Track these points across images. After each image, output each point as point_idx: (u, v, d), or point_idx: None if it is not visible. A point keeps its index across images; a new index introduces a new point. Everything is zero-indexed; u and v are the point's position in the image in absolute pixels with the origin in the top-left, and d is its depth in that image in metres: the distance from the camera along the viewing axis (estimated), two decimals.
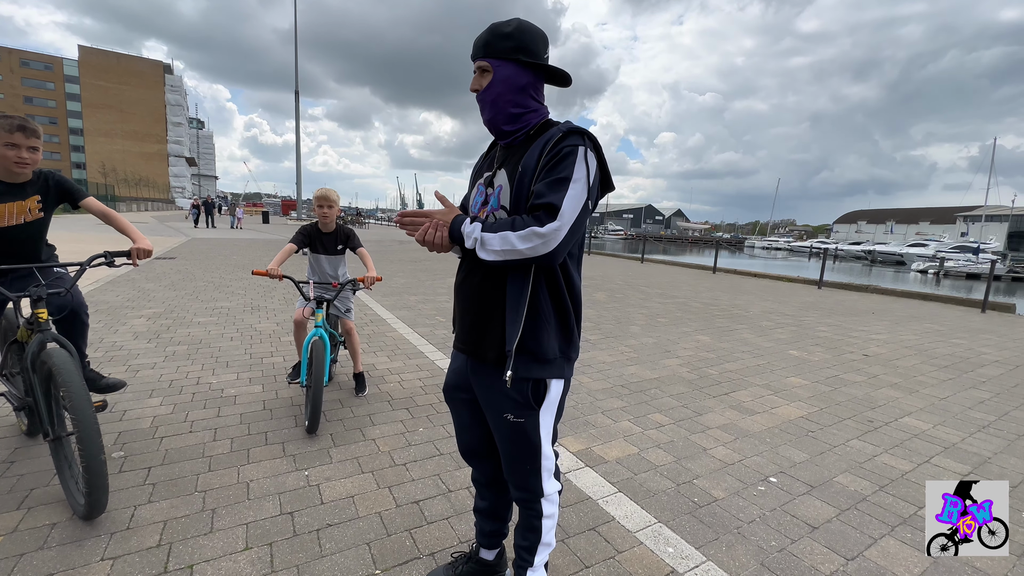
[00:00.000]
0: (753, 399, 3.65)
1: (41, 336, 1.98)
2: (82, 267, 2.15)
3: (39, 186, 2.19)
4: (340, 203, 3.34)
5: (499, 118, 1.29)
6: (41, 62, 79.42)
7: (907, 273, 30.85)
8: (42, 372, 1.94)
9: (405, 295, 7.54)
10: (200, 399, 3.13)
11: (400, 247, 18.18)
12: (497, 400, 1.31)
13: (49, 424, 1.98)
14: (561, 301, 1.28)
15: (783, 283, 12.38)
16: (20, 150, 2.02)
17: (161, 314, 5.42)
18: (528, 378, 1.26)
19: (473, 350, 1.35)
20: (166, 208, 62.28)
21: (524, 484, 1.38)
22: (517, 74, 1.26)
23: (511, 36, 1.24)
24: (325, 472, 2.34)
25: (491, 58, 1.25)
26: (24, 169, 2.07)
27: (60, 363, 1.80)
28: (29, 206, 2.15)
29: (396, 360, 4.20)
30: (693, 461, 2.63)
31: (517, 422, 1.30)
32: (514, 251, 1.13)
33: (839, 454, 2.80)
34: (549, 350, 1.26)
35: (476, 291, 1.31)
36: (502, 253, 1.14)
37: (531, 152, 1.22)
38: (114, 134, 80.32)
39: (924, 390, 4.06)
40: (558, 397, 1.34)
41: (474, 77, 1.29)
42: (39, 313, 2.00)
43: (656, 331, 5.86)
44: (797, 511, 2.20)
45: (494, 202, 1.30)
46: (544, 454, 1.35)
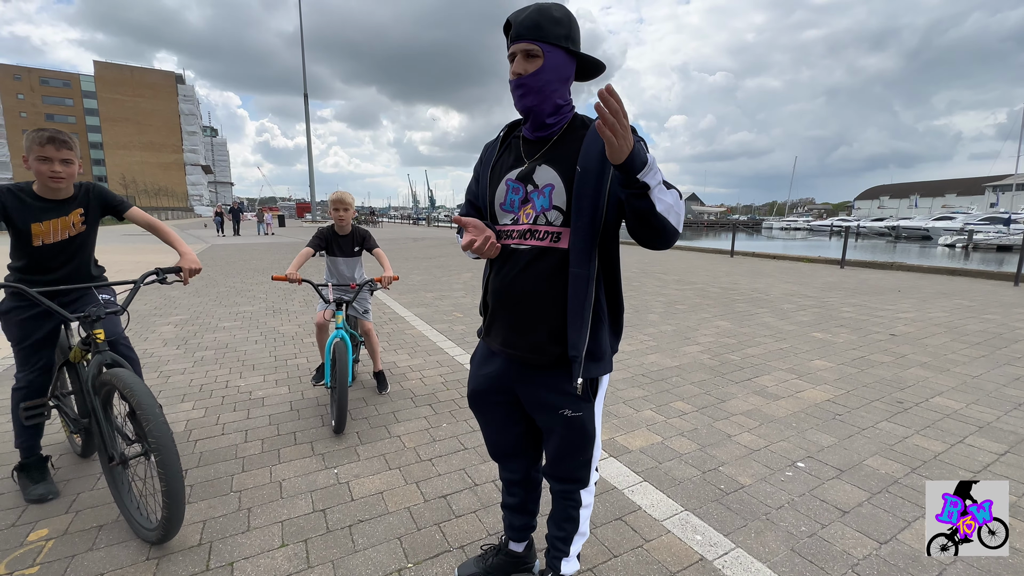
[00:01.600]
0: (777, 384, 3.60)
1: (100, 357, 1.91)
2: (135, 285, 2.09)
3: (80, 199, 2.10)
4: (355, 204, 3.38)
5: (545, 107, 1.22)
6: (59, 79, 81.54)
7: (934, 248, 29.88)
8: (103, 394, 1.89)
9: (422, 292, 7.60)
10: (230, 402, 3.22)
11: (415, 245, 18.30)
12: (553, 400, 1.31)
13: (112, 447, 1.91)
14: (616, 301, 1.30)
15: (804, 264, 12.13)
16: (53, 163, 1.92)
17: (187, 320, 5.58)
18: (588, 376, 1.28)
19: (523, 354, 1.30)
20: (185, 216, 63.67)
21: (573, 475, 1.40)
22: (566, 63, 1.21)
23: (561, 22, 1.17)
24: (354, 470, 2.39)
25: (542, 42, 1.16)
26: (60, 184, 1.96)
27: (131, 383, 1.72)
28: (72, 220, 2.07)
29: (416, 357, 4.25)
30: (718, 448, 2.62)
31: (575, 416, 1.31)
32: (676, 215, 1.09)
33: (868, 437, 2.75)
34: (606, 349, 1.29)
35: (527, 295, 1.27)
36: (668, 209, 1.07)
37: (587, 152, 1.16)
38: (132, 146, 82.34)
39: (955, 368, 3.96)
40: (606, 387, 1.37)
41: (517, 60, 1.18)
42: (96, 334, 1.93)
43: (675, 318, 5.81)
44: (827, 496, 2.18)
45: (544, 202, 1.23)
46: (597, 444, 1.38)
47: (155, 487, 1.81)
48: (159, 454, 1.64)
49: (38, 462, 2.19)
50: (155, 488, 1.81)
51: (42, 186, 1.98)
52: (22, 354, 2.09)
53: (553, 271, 1.23)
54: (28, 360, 2.10)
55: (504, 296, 1.31)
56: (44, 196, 1.99)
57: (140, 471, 2.17)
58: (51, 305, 1.87)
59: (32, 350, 2.09)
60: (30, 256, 2.02)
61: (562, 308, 1.23)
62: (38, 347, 2.11)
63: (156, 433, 1.65)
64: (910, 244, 33.67)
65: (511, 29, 1.19)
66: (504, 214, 1.31)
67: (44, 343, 2.12)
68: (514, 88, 1.21)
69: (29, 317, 2.05)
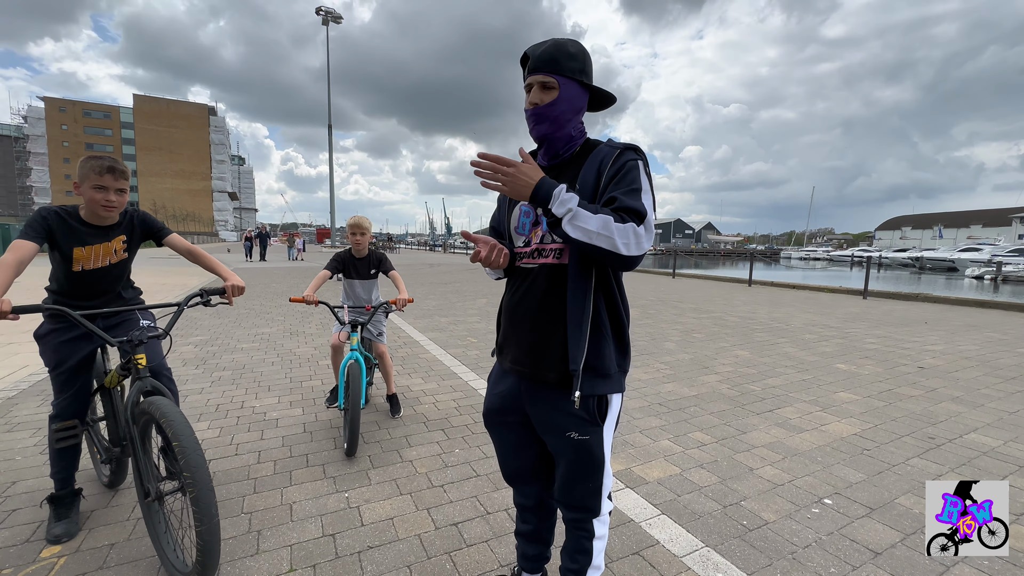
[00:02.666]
0: (800, 416, 3.48)
1: (140, 384, 1.81)
2: (180, 308, 2.01)
3: (124, 226, 2.09)
4: (372, 230, 3.45)
5: (558, 136, 1.29)
6: (101, 111, 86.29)
7: (960, 280, 29.04)
8: (141, 423, 1.78)
9: (436, 317, 7.63)
10: (244, 422, 3.23)
11: (431, 270, 18.50)
12: (560, 420, 1.29)
13: (148, 481, 1.81)
14: (617, 314, 1.29)
15: (825, 294, 11.88)
16: (108, 192, 1.92)
17: (207, 341, 5.67)
18: (592, 395, 1.26)
19: (531, 372, 1.32)
20: (210, 240, 65.70)
21: (582, 503, 1.35)
22: (579, 95, 1.28)
23: (576, 57, 1.25)
24: (364, 494, 2.36)
25: (558, 75, 1.24)
26: (111, 212, 1.97)
27: (169, 412, 1.64)
28: (115, 247, 2.06)
29: (430, 382, 4.23)
30: (739, 482, 2.52)
31: (582, 440, 1.28)
32: (607, 239, 1.09)
33: (899, 474, 2.62)
34: (610, 365, 1.27)
35: (534, 311, 1.30)
36: (592, 235, 1.09)
37: (586, 171, 1.24)
38: (164, 173, 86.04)
39: (990, 404, 3.78)
40: (618, 411, 1.34)
41: (533, 91, 1.26)
42: (138, 359, 1.85)
43: (692, 347, 5.71)
44: (857, 535, 2.07)
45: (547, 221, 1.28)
46: (606, 471, 1.34)
47: (188, 524, 1.71)
48: (195, 492, 1.54)
49: (70, 495, 2.10)
50: (189, 525, 1.69)
51: (91, 213, 1.97)
52: (59, 379, 2.02)
53: (558, 288, 1.27)
54: (66, 385, 2.04)
55: (514, 314, 1.36)
56: (90, 222, 2.00)
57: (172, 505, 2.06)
58: (93, 328, 1.82)
59: (70, 374, 2.03)
60: (69, 281, 2.01)
61: (566, 324, 1.25)
62: (76, 371, 2.04)
63: (191, 468, 1.55)
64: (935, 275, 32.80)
65: (528, 61, 1.27)
66: (518, 236, 1.38)
67: (81, 367, 2.06)
68: (530, 116, 1.29)
69: (67, 340, 2.01)
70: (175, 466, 1.66)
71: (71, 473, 2.12)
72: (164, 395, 1.80)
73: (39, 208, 1.93)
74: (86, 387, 2.11)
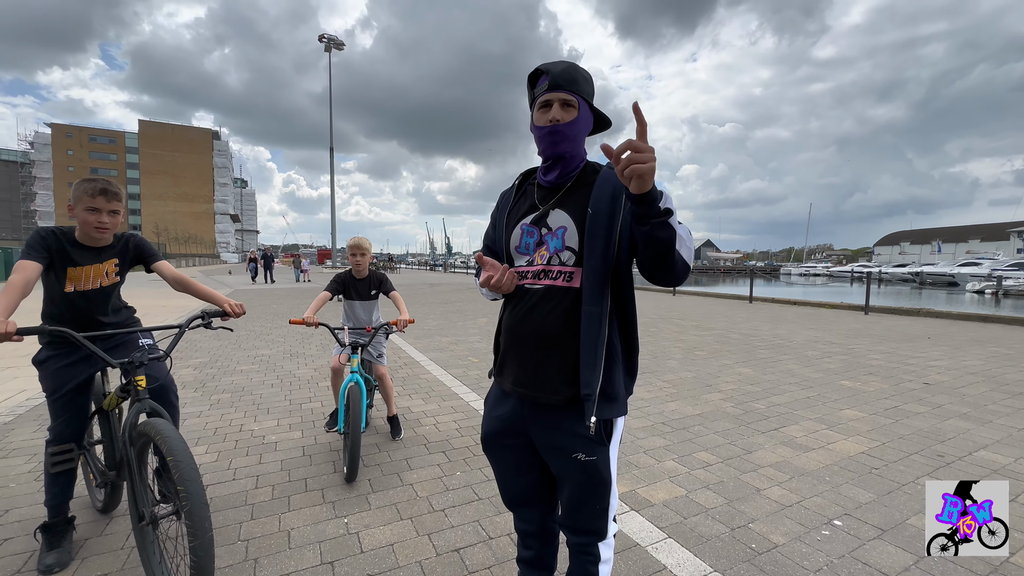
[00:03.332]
0: (806, 434, 3.43)
1: (139, 406, 1.80)
2: (181, 329, 1.99)
3: (118, 249, 2.09)
4: (372, 250, 3.46)
5: (573, 154, 1.30)
6: (106, 136, 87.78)
7: (961, 294, 29.01)
8: (138, 445, 1.76)
9: (437, 337, 7.60)
10: (243, 446, 3.19)
11: (431, 290, 18.52)
12: (566, 442, 1.27)
13: (144, 505, 1.77)
14: (630, 339, 1.28)
15: (826, 310, 11.85)
16: (101, 214, 1.93)
17: (207, 363, 5.64)
18: (601, 419, 1.25)
19: (536, 394, 1.29)
20: (212, 262, 66.01)
21: (589, 526, 1.32)
22: (590, 117, 1.31)
23: (589, 81, 1.28)
24: (364, 519, 2.31)
25: (578, 95, 1.26)
26: (104, 234, 1.98)
27: (166, 433, 1.62)
28: (106, 269, 2.05)
29: (431, 403, 4.19)
30: (746, 503, 2.47)
31: (589, 461, 1.26)
32: (687, 248, 1.10)
33: (909, 493, 2.57)
34: (619, 389, 1.26)
35: (538, 332, 1.28)
36: (679, 240, 1.07)
37: (598, 195, 1.22)
38: (167, 197, 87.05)
39: (998, 420, 3.73)
40: (621, 431, 1.32)
41: (555, 108, 1.25)
42: (138, 381, 1.84)
43: (695, 364, 5.67)
44: (869, 558, 2.01)
45: (557, 244, 1.28)
46: (613, 492, 1.32)
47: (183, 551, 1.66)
48: (188, 506, 1.50)
49: (63, 524, 2.05)
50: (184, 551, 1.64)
51: (85, 234, 1.98)
52: (57, 405, 2.00)
53: (566, 310, 1.25)
54: (63, 409, 2.01)
55: (516, 334, 1.33)
56: (84, 243, 2.01)
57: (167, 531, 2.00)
58: (96, 350, 1.81)
59: (68, 398, 2.01)
60: (63, 303, 1.99)
61: (574, 347, 1.24)
62: (74, 395, 2.02)
63: (187, 483, 1.51)
64: (936, 290, 32.77)
65: (544, 78, 1.26)
66: (519, 256, 1.36)
67: (79, 391, 2.04)
68: (548, 133, 1.26)
69: (66, 365, 2.00)
70: (169, 485, 1.63)
71: (65, 500, 2.08)
72: (163, 416, 1.79)
73: (37, 229, 1.96)
74: (84, 410, 2.09)
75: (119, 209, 1.99)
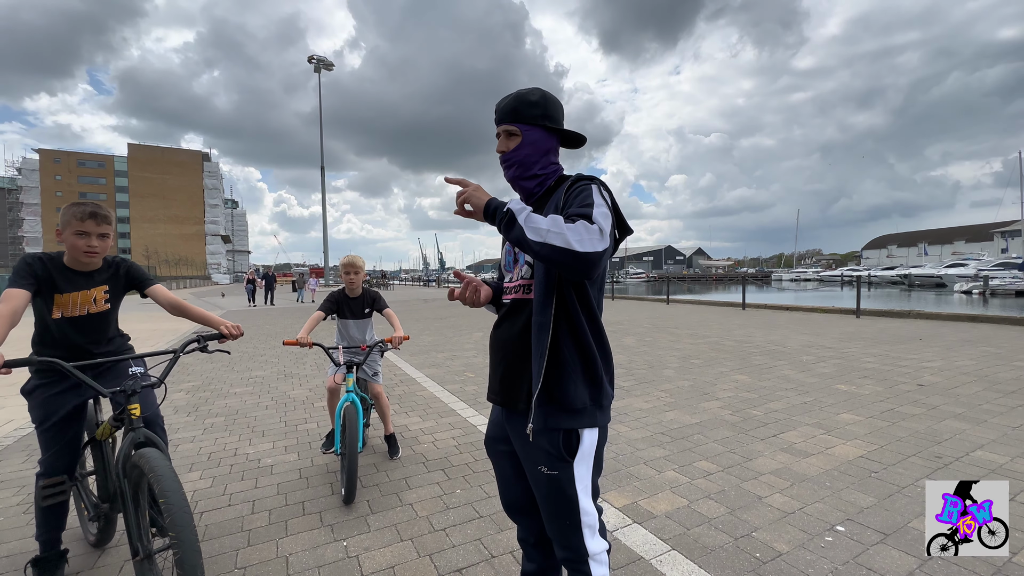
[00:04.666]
0: (804, 440, 3.44)
1: (133, 435, 1.74)
2: (176, 355, 1.94)
3: (108, 275, 2.04)
4: (365, 268, 3.46)
5: (524, 177, 1.40)
6: (95, 160, 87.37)
7: (950, 295, 29.39)
8: (133, 477, 1.70)
9: (433, 353, 7.56)
10: (238, 471, 3.13)
11: (425, 306, 18.47)
12: (530, 452, 1.30)
13: (138, 539, 1.72)
14: (584, 346, 1.25)
15: (818, 314, 11.95)
16: (90, 238, 1.89)
17: (200, 387, 5.56)
18: (558, 428, 1.24)
19: (505, 400, 1.36)
20: (203, 284, 65.45)
21: (566, 542, 1.31)
22: (543, 138, 1.38)
23: (537, 104, 1.35)
24: (364, 542, 2.27)
25: (519, 123, 1.35)
26: (93, 258, 1.94)
27: (158, 466, 1.57)
28: (95, 296, 1.99)
29: (428, 420, 4.15)
30: (749, 511, 2.46)
31: (551, 475, 1.26)
32: (559, 236, 1.07)
33: (910, 496, 2.57)
34: (577, 399, 1.23)
35: (507, 340, 1.35)
36: (543, 233, 1.07)
37: (550, 203, 1.32)
38: (157, 219, 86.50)
39: (993, 419, 3.76)
40: (593, 448, 1.29)
41: (500, 140, 1.39)
42: (132, 410, 1.78)
43: (691, 373, 5.68)
44: (873, 563, 2.01)
45: (522, 259, 1.37)
46: (583, 509, 1.28)
47: None
48: (180, 553, 1.43)
49: (55, 557, 2.00)
50: None
51: (73, 259, 1.94)
52: (46, 435, 1.94)
53: (526, 321, 1.31)
54: (54, 440, 1.95)
55: (492, 346, 1.43)
56: (72, 268, 1.96)
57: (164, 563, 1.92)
58: (86, 379, 1.75)
59: (57, 429, 1.95)
60: (52, 331, 1.95)
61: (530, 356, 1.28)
62: (65, 425, 1.96)
63: (176, 524, 1.46)
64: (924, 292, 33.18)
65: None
66: (507, 274, 1.46)
67: (70, 421, 1.98)
68: (501, 162, 1.42)
69: (55, 394, 1.95)
70: (162, 523, 1.59)
71: (58, 534, 2.02)
72: (158, 446, 1.74)
73: (24, 255, 1.92)
74: (76, 441, 2.03)
75: (108, 232, 1.96)
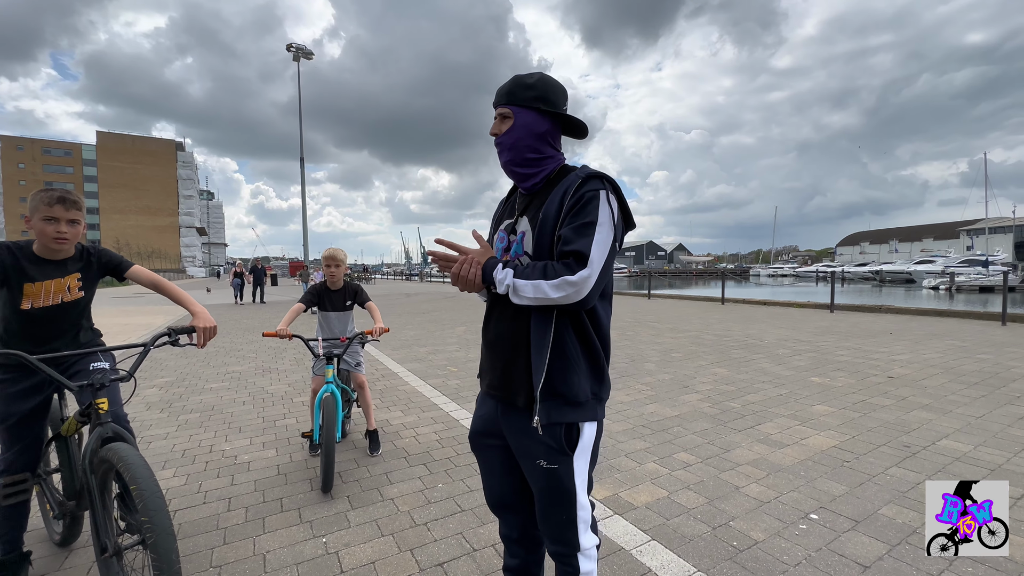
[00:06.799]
0: (780, 431, 3.52)
1: (101, 430, 1.68)
2: (146, 348, 1.87)
3: (81, 263, 1.97)
4: (347, 261, 3.41)
5: (516, 161, 1.33)
6: (61, 149, 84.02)
7: (919, 291, 30.48)
8: (100, 472, 1.64)
9: (415, 347, 7.51)
10: (213, 468, 3.06)
11: (407, 300, 18.31)
12: (529, 446, 1.27)
13: (107, 535, 1.66)
14: (588, 341, 1.26)
15: (794, 309, 12.25)
16: (59, 224, 1.81)
17: (173, 382, 5.41)
18: (560, 422, 1.23)
19: (503, 395, 1.32)
20: (178, 277, 63.73)
21: (560, 536, 1.31)
22: (536, 121, 1.31)
23: (533, 87, 1.31)
24: (343, 538, 2.24)
25: (513, 105, 1.31)
26: (64, 244, 1.86)
27: (127, 456, 1.53)
28: (68, 284, 1.92)
29: (410, 414, 4.12)
30: (727, 501, 2.50)
31: (551, 468, 1.25)
32: (546, 299, 1.15)
33: (880, 484, 2.66)
34: (580, 392, 1.23)
35: (505, 334, 1.31)
36: (534, 300, 1.16)
37: (551, 198, 1.25)
38: (128, 210, 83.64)
39: (958, 410, 3.91)
40: (592, 441, 1.29)
41: (495, 122, 1.35)
42: (99, 404, 1.72)
43: (671, 366, 5.76)
44: (845, 549, 2.07)
45: (517, 248, 1.32)
46: (580, 503, 1.28)
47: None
48: (153, 537, 1.39)
49: (17, 560, 1.92)
50: None
51: (43, 247, 1.86)
52: (8, 432, 1.86)
53: (524, 312, 1.26)
54: (15, 438, 1.88)
55: (487, 337, 1.39)
56: (42, 256, 1.88)
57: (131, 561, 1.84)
58: (51, 372, 1.68)
59: (19, 426, 1.87)
60: (19, 321, 1.86)
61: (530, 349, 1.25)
62: (27, 422, 1.89)
63: (152, 513, 1.41)
64: (895, 287, 34.32)
65: None
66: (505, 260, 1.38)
67: (33, 417, 1.90)
68: (495, 146, 1.37)
69: (18, 391, 1.87)
70: (133, 515, 1.52)
71: (19, 534, 1.95)
72: (126, 440, 1.68)
73: None
74: (38, 437, 1.95)
75: (79, 218, 1.88)
